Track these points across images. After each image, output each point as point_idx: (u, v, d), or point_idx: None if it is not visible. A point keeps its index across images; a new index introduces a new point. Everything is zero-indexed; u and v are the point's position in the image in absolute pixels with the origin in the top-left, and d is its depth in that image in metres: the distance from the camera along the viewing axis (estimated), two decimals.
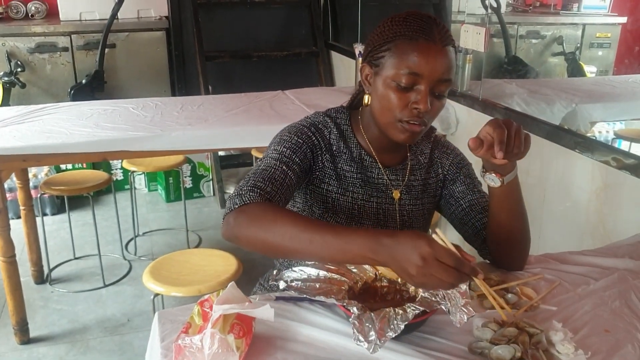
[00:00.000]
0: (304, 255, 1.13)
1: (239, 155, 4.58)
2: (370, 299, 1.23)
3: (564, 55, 3.92)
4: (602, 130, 3.09)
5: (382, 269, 1.24)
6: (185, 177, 4.40)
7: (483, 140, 1.18)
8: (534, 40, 4.24)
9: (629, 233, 1.76)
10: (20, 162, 2.50)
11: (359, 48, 3.46)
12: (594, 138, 2.54)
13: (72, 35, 4.39)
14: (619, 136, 3.07)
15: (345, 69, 4.39)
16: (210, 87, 4.28)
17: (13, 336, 2.72)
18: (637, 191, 1.92)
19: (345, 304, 1.08)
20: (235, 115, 2.87)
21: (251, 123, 2.74)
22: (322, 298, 1.11)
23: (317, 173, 1.40)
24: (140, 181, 4.62)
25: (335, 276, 1.21)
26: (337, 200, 1.40)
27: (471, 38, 2.82)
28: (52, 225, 3.91)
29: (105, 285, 3.23)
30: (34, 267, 3.23)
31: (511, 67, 3.99)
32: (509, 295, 1.31)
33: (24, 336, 2.72)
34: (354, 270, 1.25)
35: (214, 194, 4.46)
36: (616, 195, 2.04)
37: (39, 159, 2.47)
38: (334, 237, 1.06)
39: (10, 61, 4.16)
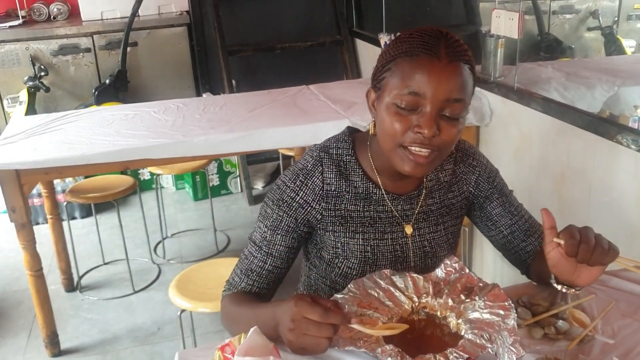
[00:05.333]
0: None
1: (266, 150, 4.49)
2: (408, 333, 1.13)
3: (600, 30, 3.72)
4: None
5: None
6: (213, 174, 4.34)
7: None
8: (567, 16, 4.05)
9: None
10: (42, 175, 2.45)
11: (384, 39, 3.31)
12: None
13: (94, 36, 4.33)
14: None
15: (371, 58, 4.24)
16: (234, 82, 4.18)
17: (44, 349, 2.70)
18: None
19: (379, 354, 0.98)
20: (259, 115, 2.78)
21: (275, 123, 2.64)
22: (351, 348, 1.01)
23: (318, 225, 1.28)
24: (167, 180, 4.58)
25: (368, 312, 1.11)
26: (347, 244, 1.29)
27: (503, 24, 2.67)
28: (82, 229, 3.89)
29: (135, 292, 3.19)
30: (63, 275, 3.21)
31: (545, 45, 3.81)
32: (560, 323, 1.19)
33: (55, 348, 2.70)
34: (388, 303, 1.15)
35: (241, 191, 4.39)
36: None
37: (60, 171, 2.43)
38: (256, 319, 1.10)
39: (34, 65, 4.12)
